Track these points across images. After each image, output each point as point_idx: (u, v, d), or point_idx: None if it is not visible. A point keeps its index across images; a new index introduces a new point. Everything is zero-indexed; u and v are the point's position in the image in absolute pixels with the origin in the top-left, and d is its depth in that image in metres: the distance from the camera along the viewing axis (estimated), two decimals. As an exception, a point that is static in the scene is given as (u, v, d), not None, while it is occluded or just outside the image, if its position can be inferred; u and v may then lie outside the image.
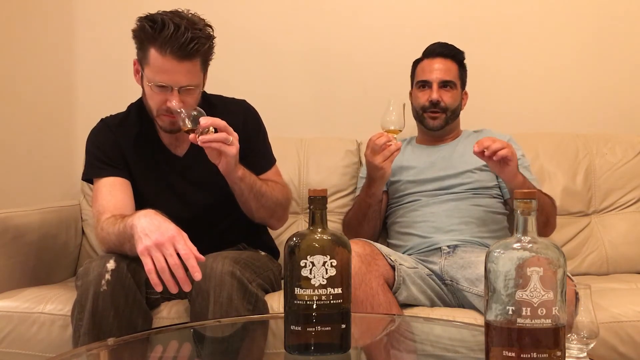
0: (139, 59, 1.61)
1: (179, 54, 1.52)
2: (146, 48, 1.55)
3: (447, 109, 1.99)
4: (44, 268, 1.98)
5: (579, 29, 2.42)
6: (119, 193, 1.64)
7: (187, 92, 1.58)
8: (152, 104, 1.62)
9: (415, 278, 1.68)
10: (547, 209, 1.86)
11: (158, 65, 1.54)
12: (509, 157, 1.67)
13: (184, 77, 1.56)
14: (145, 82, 1.60)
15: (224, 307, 1.43)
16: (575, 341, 1.01)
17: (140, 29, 1.55)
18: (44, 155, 2.50)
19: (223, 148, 1.50)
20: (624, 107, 2.41)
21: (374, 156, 1.79)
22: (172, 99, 1.56)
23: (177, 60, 1.53)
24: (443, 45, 2.03)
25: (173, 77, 1.55)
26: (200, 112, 1.52)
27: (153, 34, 1.52)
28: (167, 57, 1.53)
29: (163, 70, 1.54)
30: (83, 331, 1.43)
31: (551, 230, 1.94)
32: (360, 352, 1.22)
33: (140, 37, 1.56)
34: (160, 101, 1.58)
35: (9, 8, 2.49)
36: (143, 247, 1.34)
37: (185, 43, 1.51)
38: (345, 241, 1.05)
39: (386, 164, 1.78)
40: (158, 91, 1.57)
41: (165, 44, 1.51)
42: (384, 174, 1.81)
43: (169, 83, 1.55)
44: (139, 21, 1.56)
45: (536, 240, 0.89)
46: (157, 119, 1.64)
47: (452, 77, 2.00)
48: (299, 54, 2.45)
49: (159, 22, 1.51)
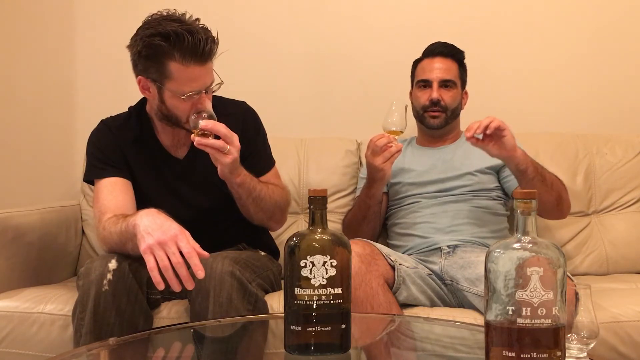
0: (150, 77, 1.56)
1: (201, 59, 1.52)
2: (163, 64, 1.52)
3: (447, 108, 1.99)
4: (44, 268, 1.98)
5: (579, 29, 2.42)
6: (120, 193, 1.64)
7: (210, 91, 1.60)
8: (180, 113, 1.59)
9: (415, 278, 1.68)
10: (557, 185, 1.82)
11: (185, 76, 1.53)
12: (501, 126, 1.65)
13: (209, 77, 1.57)
14: (170, 96, 1.57)
15: (224, 307, 1.43)
16: (575, 341, 1.01)
17: (151, 46, 1.50)
18: (44, 155, 2.50)
19: (217, 156, 1.51)
20: (624, 107, 2.41)
21: (374, 157, 1.78)
22: (203, 103, 1.55)
23: (200, 65, 1.53)
24: (443, 45, 2.03)
25: (201, 82, 1.55)
26: (212, 116, 1.53)
27: (171, 49, 1.50)
28: (191, 66, 1.52)
29: (192, 79, 1.53)
30: (84, 331, 1.43)
31: (567, 207, 1.89)
32: (360, 352, 1.22)
33: (152, 55, 1.52)
34: (190, 108, 1.56)
35: (9, 8, 2.49)
36: (146, 246, 1.34)
37: (202, 47, 1.51)
38: (345, 241, 1.05)
39: (386, 165, 1.78)
40: (190, 100, 1.55)
41: (186, 55, 1.50)
42: (384, 175, 1.81)
43: (199, 88, 1.55)
44: (144, 40, 1.51)
45: (536, 240, 0.89)
46: (185, 125, 1.60)
47: (452, 77, 2.00)
48: (299, 54, 2.45)
49: (173, 35, 1.49)
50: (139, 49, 1.53)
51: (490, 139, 1.68)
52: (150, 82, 1.57)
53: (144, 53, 1.52)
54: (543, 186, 1.75)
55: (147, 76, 1.57)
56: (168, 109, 1.60)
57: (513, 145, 1.69)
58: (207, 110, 1.55)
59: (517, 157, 1.71)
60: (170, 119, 1.63)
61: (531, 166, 1.72)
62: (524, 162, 1.71)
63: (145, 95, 1.64)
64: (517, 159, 1.71)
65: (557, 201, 1.82)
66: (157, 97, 1.60)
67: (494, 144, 1.68)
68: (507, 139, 1.67)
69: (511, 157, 1.70)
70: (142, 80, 1.59)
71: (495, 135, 1.67)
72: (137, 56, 1.54)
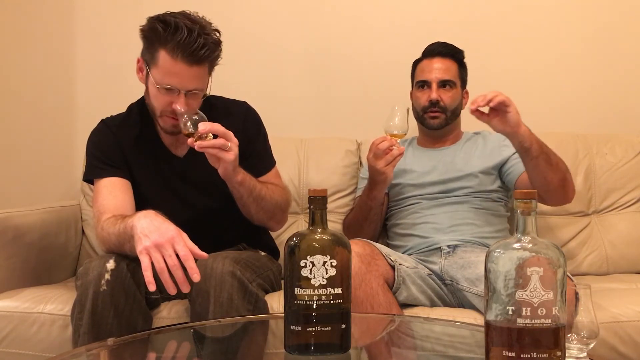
0: (145, 58, 1.60)
1: (190, 59, 1.52)
2: (155, 49, 1.54)
3: (447, 109, 1.98)
4: (44, 268, 1.98)
5: (579, 29, 2.42)
6: (119, 193, 1.64)
7: (193, 96, 1.58)
8: (156, 104, 1.61)
9: (415, 278, 1.68)
10: (562, 166, 1.79)
11: (167, 67, 1.53)
12: (506, 101, 1.63)
13: (192, 81, 1.56)
14: (151, 82, 1.59)
15: (224, 307, 1.43)
16: (575, 341, 1.01)
17: (151, 29, 1.54)
18: (44, 155, 2.50)
19: (220, 154, 1.50)
20: (624, 107, 2.41)
21: (376, 160, 1.78)
22: (177, 102, 1.55)
23: (187, 64, 1.53)
24: (442, 45, 2.03)
25: (181, 81, 1.55)
26: (202, 117, 1.52)
27: (165, 36, 1.51)
28: (178, 61, 1.52)
29: (172, 73, 1.54)
30: (83, 331, 1.43)
31: (572, 190, 1.85)
32: (360, 352, 1.22)
33: (150, 37, 1.55)
34: (166, 103, 1.58)
35: (9, 8, 2.49)
36: (142, 248, 1.34)
37: (197, 49, 1.51)
38: (345, 241, 1.05)
39: (388, 168, 1.78)
40: (164, 93, 1.56)
41: (176, 48, 1.51)
42: (385, 178, 1.81)
43: (177, 86, 1.55)
44: (150, 21, 1.55)
45: (536, 241, 0.89)
46: (159, 119, 1.64)
47: (451, 77, 1.99)
48: (300, 54, 2.45)
49: (172, 25, 1.50)
50: (144, 27, 1.57)
51: (495, 113, 1.66)
52: (144, 64, 1.61)
53: (146, 33, 1.56)
54: (548, 165, 1.72)
55: (143, 57, 1.61)
56: (148, 96, 1.64)
57: (517, 121, 1.66)
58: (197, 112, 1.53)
59: (521, 134, 1.68)
60: (150, 108, 1.66)
61: (535, 144, 1.70)
62: (528, 139, 1.68)
63: (138, 77, 1.66)
64: (521, 135, 1.68)
65: (561, 182, 1.78)
66: (144, 80, 1.63)
67: (499, 119, 1.66)
68: (511, 114, 1.64)
69: (515, 133, 1.68)
70: (139, 60, 1.63)
71: (500, 110, 1.65)
72: (141, 34, 1.58)
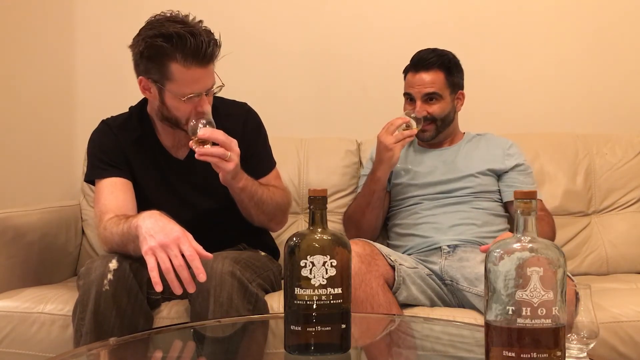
0: (151, 78, 1.56)
1: (202, 62, 1.52)
2: (164, 65, 1.52)
3: (436, 119, 1.95)
4: (44, 268, 1.98)
5: (579, 29, 2.42)
6: (121, 193, 1.64)
7: (210, 93, 1.59)
8: (179, 114, 1.59)
9: (415, 278, 1.68)
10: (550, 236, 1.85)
11: (186, 78, 1.52)
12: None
13: (209, 79, 1.57)
14: (170, 97, 1.56)
15: (224, 307, 1.43)
16: (575, 341, 1.01)
17: (153, 47, 1.50)
18: (44, 155, 2.50)
19: (220, 164, 1.50)
20: (624, 107, 2.41)
21: (386, 135, 1.81)
22: (203, 104, 1.55)
23: (201, 67, 1.52)
24: (428, 53, 1.95)
25: (202, 84, 1.55)
26: (211, 122, 1.53)
27: (172, 50, 1.49)
28: (193, 68, 1.51)
29: (193, 81, 1.53)
30: (85, 331, 1.43)
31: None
32: (360, 352, 1.22)
33: (154, 56, 1.51)
34: (189, 110, 1.56)
35: (9, 8, 2.49)
36: (148, 248, 1.34)
37: (205, 49, 1.50)
38: (345, 241, 1.05)
39: (397, 146, 1.81)
40: (190, 102, 1.55)
41: (187, 57, 1.50)
42: (392, 156, 1.82)
43: (200, 91, 1.54)
44: (145, 41, 1.51)
45: (536, 240, 0.89)
46: (184, 126, 1.59)
47: (436, 89, 1.92)
48: (299, 54, 2.45)
49: (175, 37, 1.48)
50: (141, 49, 1.52)
51: None
52: (151, 83, 1.57)
53: (146, 54, 1.52)
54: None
55: (148, 77, 1.56)
56: (168, 110, 1.60)
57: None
58: (206, 116, 1.54)
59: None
60: (170, 120, 1.63)
61: None
62: None
63: (146, 95, 1.63)
64: None
65: None
66: (157, 98, 1.59)
67: None
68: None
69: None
70: (143, 80, 1.58)
71: None
72: (139, 56, 1.54)
